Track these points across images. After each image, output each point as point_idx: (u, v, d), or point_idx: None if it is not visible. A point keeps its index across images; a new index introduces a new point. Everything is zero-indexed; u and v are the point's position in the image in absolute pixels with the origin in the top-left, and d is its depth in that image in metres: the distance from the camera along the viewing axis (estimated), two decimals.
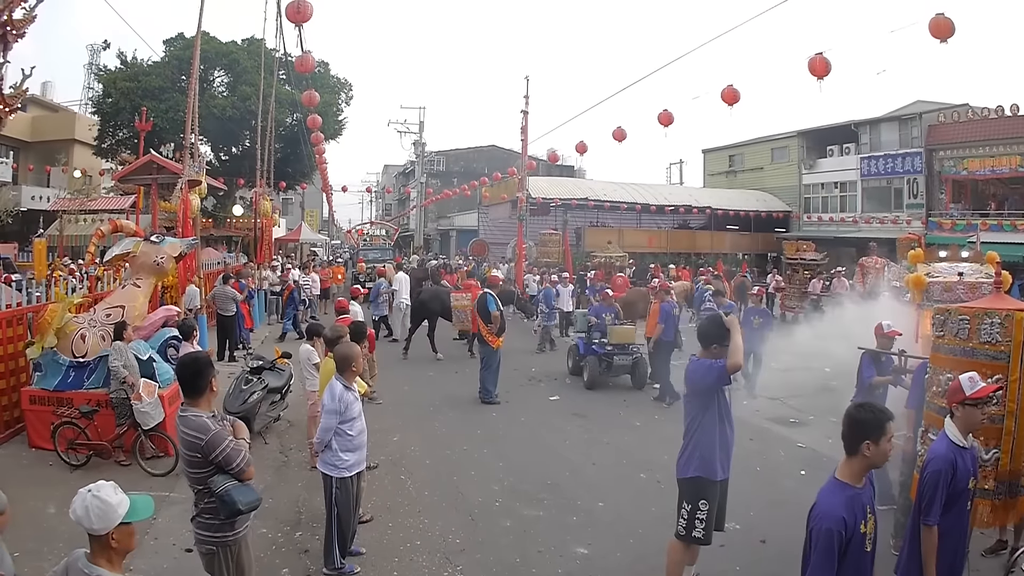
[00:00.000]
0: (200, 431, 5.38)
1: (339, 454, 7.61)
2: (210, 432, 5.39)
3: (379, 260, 38.47)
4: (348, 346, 8.17)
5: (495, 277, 18.52)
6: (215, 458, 5.38)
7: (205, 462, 5.40)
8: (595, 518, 9.47)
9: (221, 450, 5.38)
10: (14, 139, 46.45)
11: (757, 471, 10.73)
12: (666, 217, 52.20)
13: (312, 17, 14.78)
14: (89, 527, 3.90)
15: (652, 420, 14.19)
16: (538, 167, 45.00)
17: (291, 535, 8.85)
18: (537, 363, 20.14)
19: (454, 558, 8.27)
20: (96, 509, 3.87)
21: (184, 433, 5.43)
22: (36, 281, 16.36)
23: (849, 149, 47.19)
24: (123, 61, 50.86)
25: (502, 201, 48.73)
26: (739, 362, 6.76)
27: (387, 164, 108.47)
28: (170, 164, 25.16)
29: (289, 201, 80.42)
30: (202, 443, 5.35)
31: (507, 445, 12.74)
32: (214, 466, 5.41)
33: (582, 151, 30.69)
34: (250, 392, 12.28)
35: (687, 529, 6.93)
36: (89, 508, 3.87)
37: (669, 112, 21.39)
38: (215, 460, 5.39)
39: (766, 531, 8.50)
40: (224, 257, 34.57)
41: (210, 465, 5.41)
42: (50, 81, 62.95)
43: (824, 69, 15.60)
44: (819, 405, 14.15)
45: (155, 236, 14.38)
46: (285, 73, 40.53)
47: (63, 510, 8.96)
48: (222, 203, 48.69)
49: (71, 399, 11.39)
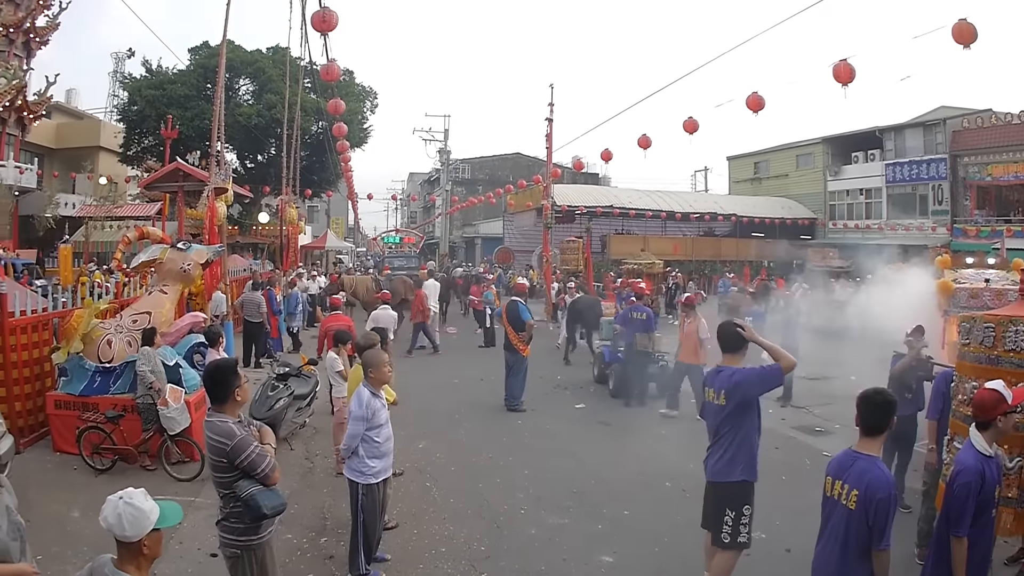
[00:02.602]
0: (226, 436, 5.40)
1: (366, 460, 7.58)
2: (235, 437, 5.41)
3: (405, 268, 38.44)
4: (375, 353, 8.14)
5: (521, 285, 18.46)
6: (240, 463, 5.39)
7: (231, 467, 5.41)
8: (620, 526, 9.40)
9: (246, 455, 5.40)
10: (39, 146, 46.81)
11: (783, 480, 10.65)
12: (691, 225, 52.08)
13: (337, 26, 14.79)
14: (120, 534, 3.88)
15: (678, 428, 14.07)
16: (563, 175, 44.99)
17: (316, 541, 8.82)
18: (563, 371, 20.07)
19: (479, 565, 8.23)
20: (129, 516, 3.86)
21: (210, 438, 5.44)
22: (62, 287, 16.45)
23: (874, 155, 47.03)
24: (148, 69, 51.18)
25: (527, 209, 48.70)
26: (792, 361, 6.76)
27: (412, 172, 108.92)
28: (196, 171, 25.31)
29: (315, 209, 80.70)
30: (228, 448, 5.37)
31: (533, 453, 12.67)
32: (240, 471, 5.42)
33: (607, 159, 30.57)
34: (276, 399, 12.28)
35: (732, 535, 6.85)
36: (122, 515, 3.86)
37: (694, 119, 21.32)
38: (240, 465, 5.40)
39: (791, 540, 8.41)
40: (250, 264, 34.66)
41: (236, 470, 5.42)
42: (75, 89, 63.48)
43: (848, 75, 15.50)
44: (845, 414, 13.95)
45: (182, 243, 14.40)
46: (310, 81, 40.73)
47: (87, 514, 8.99)
48: (248, 210, 48.89)
49: (97, 404, 11.42)
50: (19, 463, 10.43)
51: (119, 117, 52.59)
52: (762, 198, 54.54)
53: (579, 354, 21.79)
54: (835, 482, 5.27)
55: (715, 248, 50.88)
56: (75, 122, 55.37)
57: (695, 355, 15.20)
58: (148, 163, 46.97)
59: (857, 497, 5.03)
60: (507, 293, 26.34)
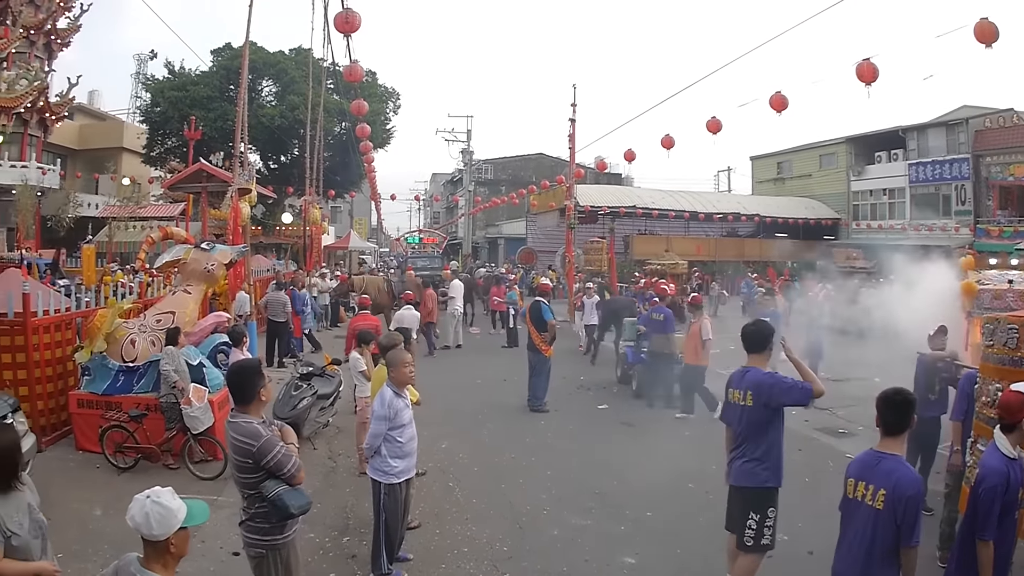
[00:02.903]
0: (252, 437, 5.38)
1: (388, 460, 7.56)
2: (261, 438, 5.39)
3: (428, 268, 38.44)
4: (397, 353, 8.13)
5: (545, 285, 18.41)
6: (267, 464, 5.37)
7: (256, 467, 5.39)
8: (643, 528, 9.36)
9: (272, 456, 5.37)
10: (62, 147, 47.18)
11: (805, 482, 10.57)
12: (714, 225, 51.89)
13: (360, 27, 14.80)
14: (148, 533, 3.86)
15: (701, 430, 13.98)
16: (586, 175, 44.90)
17: (339, 540, 8.83)
18: (586, 371, 20.02)
19: (501, 566, 8.21)
20: (156, 515, 3.84)
21: (235, 439, 5.42)
22: (85, 286, 16.52)
23: (897, 155, 46.77)
24: (171, 71, 51.50)
25: (550, 209, 48.67)
26: (823, 390, 6.75)
27: (435, 172, 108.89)
28: (220, 172, 25.38)
29: (338, 209, 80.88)
30: (254, 449, 5.35)
31: (555, 453, 12.64)
32: (265, 471, 5.40)
33: (630, 159, 30.52)
34: (299, 398, 12.31)
35: (756, 538, 6.82)
36: (149, 514, 3.84)
37: (717, 119, 21.27)
38: (267, 466, 5.38)
39: (813, 542, 8.31)
40: (274, 264, 34.75)
41: (261, 470, 5.40)
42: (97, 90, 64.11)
43: (872, 75, 15.43)
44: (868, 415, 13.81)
45: (205, 243, 14.46)
46: (333, 82, 40.86)
47: (109, 512, 9.00)
48: (271, 211, 49.09)
49: (120, 403, 11.46)
50: (41, 461, 10.50)
51: (142, 118, 53.05)
52: (785, 198, 54.31)
53: (602, 354, 21.74)
54: (858, 483, 5.23)
55: (738, 249, 50.76)
56: (98, 123, 55.77)
57: (695, 355, 15.25)
58: (171, 164, 47.28)
59: (885, 496, 4.99)
60: (530, 293, 26.31)
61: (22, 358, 11.77)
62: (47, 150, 43.50)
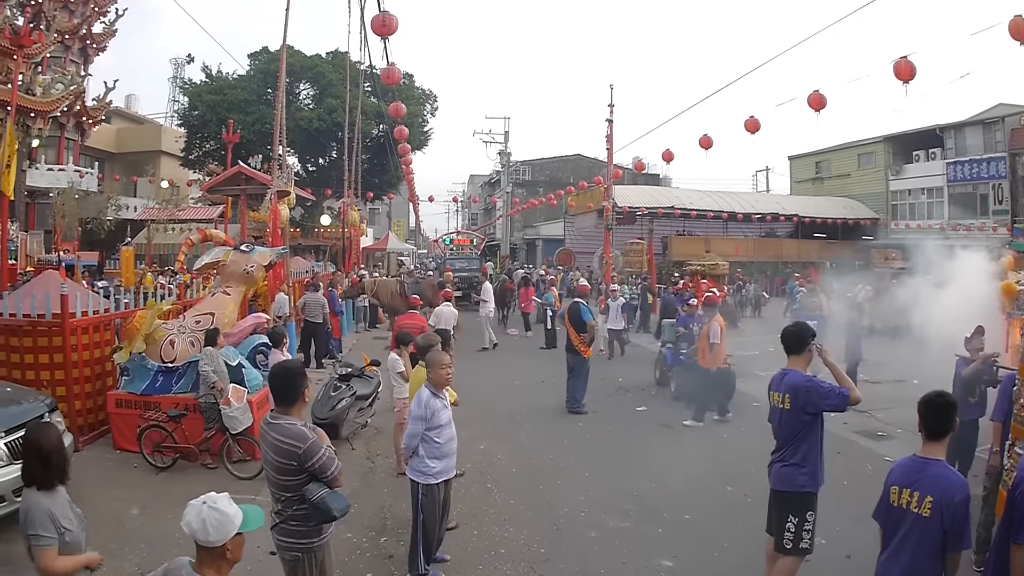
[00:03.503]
0: (298, 439, 5.33)
1: (426, 461, 7.54)
2: (308, 440, 5.35)
3: (466, 269, 38.47)
4: (435, 354, 8.12)
5: (584, 286, 18.34)
6: (311, 466, 5.33)
7: (300, 470, 5.35)
8: (680, 530, 9.29)
9: (318, 458, 5.34)
10: (100, 150, 47.67)
11: (844, 485, 10.44)
12: (753, 225, 51.69)
13: (397, 30, 14.81)
14: (204, 539, 3.82)
15: (739, 432, 13.89)
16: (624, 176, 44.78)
17: (376, 540, 8.81)
18: (624, 373, 19.93)
19: (538, 568, 8.17)
20: (214, 521, 3.81)
21: (278, 441, 5.36)
22: (124, 288, 16.64)
23: (935, 154, 46.39)
24: (208, 75, 52.07)
25: (588, 210, 48.63)
26: (860, 398, 6.71)
27: (473, 174, 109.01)
28: (258, 175, 25.47)
29: (376, 211, 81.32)
30: (300, 451, 5.30)
31: (593, 455, 12.58)
32: (308, 474, 5.37)
33: (668, 159, 30.35)
34: (338, 399, 12.33)
35: (794, 541, 6.74)
36: (206, 520, 3.81)
37: (756, 119, 21.13)
38: (311, 468, 5.34)
39: (851, 546, 8.30)
40: (312, 266, 34.90)
41: (304, 472, 5.35)
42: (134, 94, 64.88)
43: (909, 73, 15.28)
44: (907, 418, 13.69)
45: (245, 245, 14.52)
46: (371, 85, 40.99)
47: (146, 512, 9.03)
48: (310, 213, 49.39)
49: (159, 403, 11.54)
50: (78, 461, 10.52)
51: (180, 122, 53.51)
52: (824, 198, 54.04)
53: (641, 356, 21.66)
54: (902, 491, 5.12)
55: (777, 249, 50.50)
56: (135, 127, 56.38)
57: (702, 358, 15.17)
58: (210, 167, 47.68)
59: (932, 504, 4.89)
60: (568, 295, 26.25)
61: (60, 359, 11.89)
62: (85, 153, 43.97)
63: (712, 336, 14.89)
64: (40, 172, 37.35)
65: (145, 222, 39.85)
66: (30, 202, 36.57)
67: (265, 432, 5.51)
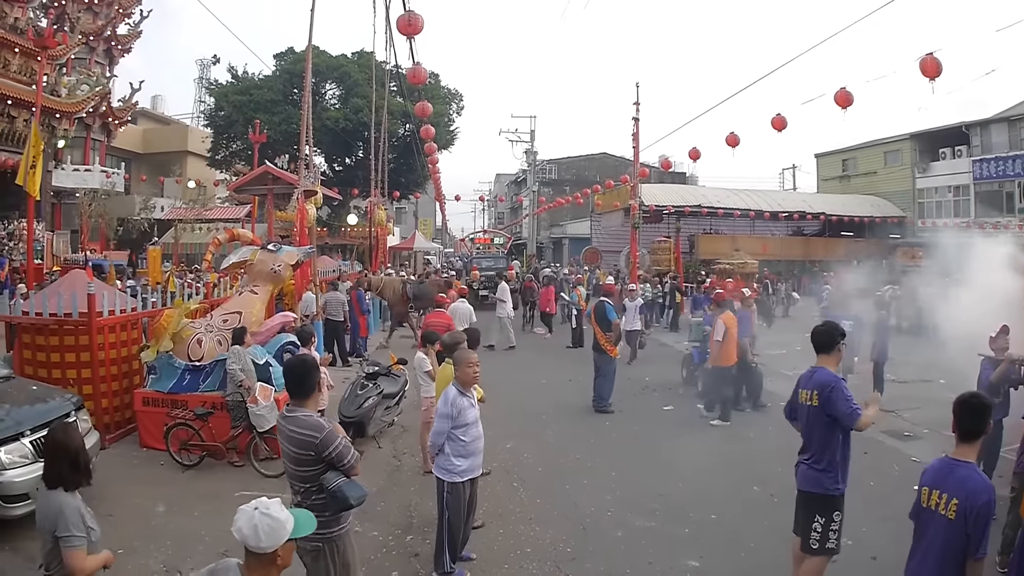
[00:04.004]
0: (315, 429, 5.41)
1: (452, 459, 7.56)
2: (324, 430, 5.42)
3: (493, 268, 38.47)
4: (461, 352, 8.12)
5: (610, 285, 18.30)
6: (328, 455, 5.40)
7: (317, 459, 5.41)
8: (706, 531, 9.26)
9: (335, 447, 5.41)
10: (126, 150, 48.10)
11: (871, 486, 10.39)
12: (779, 224, 51.39)
13: (423, 29, 14.81)
14: (256, 545, 3.75)
15: (766, 432, 13.83)
16: (650, 174, 44.65)
17: (402, 538, 8.82)
18: (651, 372, 19.87)
19: (564, 567, 8.15)
20: (265, 527, 3.75)
21: (295, 432, 5.43)
22: (151, 287, 16.75)
23: (961, 152, 46.13)
24: (234, 75, 52.36)
25: (614, 209, 48.54)
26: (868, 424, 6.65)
27: (499, 173, 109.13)
28: (285, 175, 25.60)
29: (403, 210, 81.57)
30: (317, 441, 5.37)
31: (620, 454, 12.56)
32: (325, 463, 5.42)
33: (695, 157, 30.26)
34: (365, 397, 12.34)
35: (821, 541, 6.70)
36: (258, 526, 3.74)
37: (782, 116, 21.04)
38: (327, 457, 5.41)
39: (877, 547, 8.26)
40: (339, 265, 34.99)
41: (321, 462, 5.42)
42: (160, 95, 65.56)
43: (936, 70, 15.19)
44: (934, 418, 13.74)
45: (272, 245, 14.57)
46: (396, 85, 41.08)
47: (172, 509, 9.06)
48: (337, 212, 49.56)
49: (186, 401, 11.63)
50: (105, 458, 10.61)
51: (206, 122, 53.80)
52: (851, 196, 53.71)
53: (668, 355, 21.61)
54: (932, 492, 5.07)
55: (804, 248, 50.19)
56: (162, 127, 56.92)
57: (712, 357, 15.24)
58: (236, 167, 47.91)
59: (957, 506, 4.84)
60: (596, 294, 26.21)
61: (87, 357, 11.98)
62: (111, 154, 44.36)
63: (716, 334, 14.92)
64: (66, 172, 37.66)
65: (172, 222, 40.08)
66: (56, 202, 36.88)
67: (282, 425, 5.59)
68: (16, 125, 30.70)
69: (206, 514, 9.27)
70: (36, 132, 16.48)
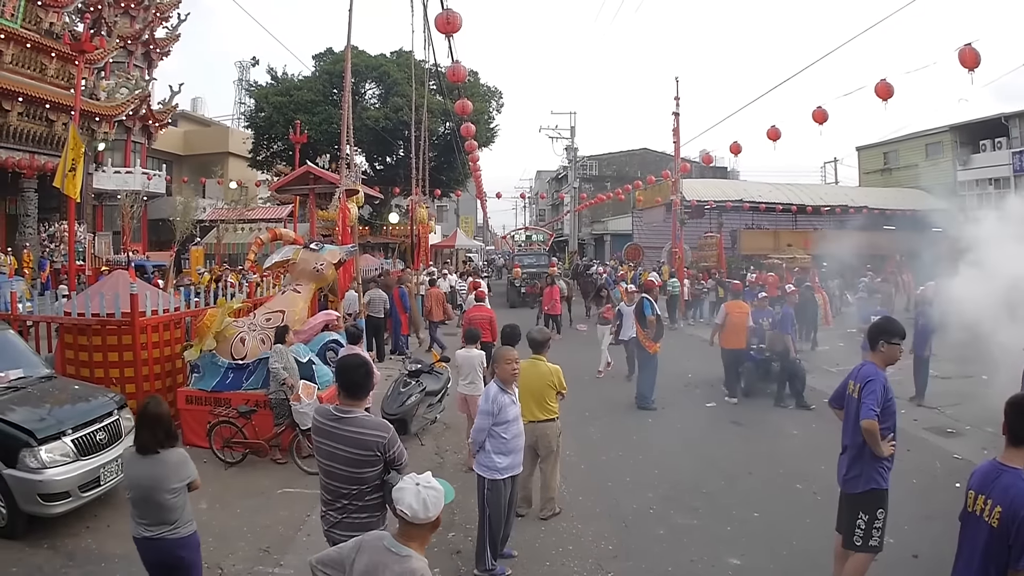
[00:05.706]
0: (381, 429, 5.34)
1: (492, 456, 7.61)
2: (390, 429, 5.38)
3: (535, 265, 38.45)
4: (503, 350, 8.19)
5: (651, 281, 18.22)
6: (392, 454, 5.34)
7: (380, 460, 5.32)
8: (749, 529, 9.20)
9: (398, 447, 5.39)
10: (167, 152, 48.65)
11: (913, 483, 10.27)
12: (822, 218, 50.90)
13: (461, 27, 14.84)
14: (424, 516, 4.04)
15: (809, 429, 13.70)
16: (691, 169, 44.50)
17: (444, 535, 8.79)
18: (694, 369, 19.70)
19: (606, 564, 8.13)
20: (432, 499, 4.05)
21: (356, 432, 5.29)
22: (193, 287, 16.91)
23: (1001, 143, 45.62)
24: (273, 77, 52.79)
25: (656, 204, 48.46)
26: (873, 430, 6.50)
27: (540, 170, 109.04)
28: (327, 174, 25.75)
29: (444, 208, 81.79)
30: (384, 440, 5.29)
31: (662, 452, 12.53)
32: (386, 463, 5.36)
33: (736, 152, 30.20)
34: (408, 395, 12.44)
35: (864, 539, 6.66)
36: (426, 499, 4.04)
37: (823, 109, 20.94)
38: (390, 456, 5.34)
39: (919, 546, 8.14)
40: (382, 263, 35.14)
41: (382, 463, 5.34)
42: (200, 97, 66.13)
43: (974, 60, 15.08)
44: (976, 415, 13.54)
45: (314, 244, 14.64)
46: (436, 83, 41.17)
47: (214, 506, 9.12)
48: (378, 211, 49.72)
49: (229, 399, 11.73)
50: None
51: (247, 123, 54.16)
52: (893, 189, 53.29)
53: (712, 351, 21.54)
54: (978, 497, 4.91)
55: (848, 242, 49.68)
56: (202, 129, 57.47)
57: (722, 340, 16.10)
58: (277, 167, 48.19)
59: (1000, 514, 4.67)
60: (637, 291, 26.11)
61: (130, 356, 12.12)
62: (152, 156, 44.85)
63: (717, 318, 15.76)
64: (107, 175, 38.10)
65: (214, 222, 40.39)
66: (97, 204, 37.35)
67: (335, 426, 5.37)
68: (55, 129, 31.16)
69: (248, 510, 9.38)
70: (75, 135, 16.63)
